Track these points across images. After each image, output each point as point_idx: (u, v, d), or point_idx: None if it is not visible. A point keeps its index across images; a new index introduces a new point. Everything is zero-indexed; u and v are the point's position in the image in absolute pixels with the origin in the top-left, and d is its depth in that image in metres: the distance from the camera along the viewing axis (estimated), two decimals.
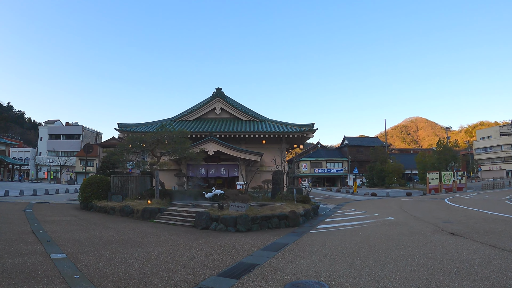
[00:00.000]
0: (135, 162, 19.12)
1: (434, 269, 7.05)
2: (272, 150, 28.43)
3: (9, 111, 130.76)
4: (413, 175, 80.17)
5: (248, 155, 24.29)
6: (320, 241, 10.62)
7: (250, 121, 29.70)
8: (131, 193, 19.12)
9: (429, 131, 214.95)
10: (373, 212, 19.20)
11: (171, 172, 25.19)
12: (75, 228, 12.64)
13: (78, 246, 9.22)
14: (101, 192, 19.17)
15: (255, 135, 27.30)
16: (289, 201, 17.69)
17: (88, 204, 18.96)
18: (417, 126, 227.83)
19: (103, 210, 17.55)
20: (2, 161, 65.01)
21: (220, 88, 30.62)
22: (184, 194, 18.66)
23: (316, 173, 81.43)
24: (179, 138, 18.87)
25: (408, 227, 13.08)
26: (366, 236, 11.47)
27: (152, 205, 15.96)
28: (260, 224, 13.15)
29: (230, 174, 25.91)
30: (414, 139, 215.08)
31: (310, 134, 28.38)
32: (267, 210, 14.01)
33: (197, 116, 30.00)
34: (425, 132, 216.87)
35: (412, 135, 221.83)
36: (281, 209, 14.65)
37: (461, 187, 47.22)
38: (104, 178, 20.01)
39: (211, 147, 24.57)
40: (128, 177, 19.70)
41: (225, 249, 9.29)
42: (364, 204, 26.70)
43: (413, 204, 25.54)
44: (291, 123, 29.50)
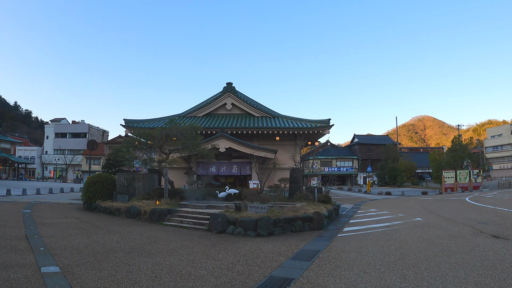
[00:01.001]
0: (142, 159, 17.65)
1: (501, 280, 5.98)
2: (286, 147, 27.01)
3: (16, 110, 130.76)
4: (423, 174, 78.53)
5: (262, 152, 22.86)
6: (354, 247, 9.35)
7: (262, 117, 28.25)
8: (138, 193, 17.72)
9: (436, 130, 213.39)
10: (396, 212, 18.21)
11: (180, 170, 23.81)
12: (75, 232, 11.24)
13: (75, 256, 7.81)
14: (105, 191, 17.78)
15: (268, 131, 25.85)
16: (310, 201, 16.27)
17: (92, 204, 17.59)
18: (425, 124, 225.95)
19: (107, 211, 16.16)
20: (7, 159, 64.08)
21: (231, 82, 29.15)
22: (195, 194, 17.22)
23: (326, 172, 79.80)
24: (190, 133, 17.43)
25: (444, 230, 12.09)
26: (403, 240, 10.35)
27: (161, 205, 14.52)
28: (283, 227, 11.72)
29: (243, 172, 24.50)
30: (421, 138, 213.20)
31: (326, 130, 26.91)
32: (289, 212, 12.56)
33: (207, 112, 28.58)
34: (432, 130, 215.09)
35: (419, 134, 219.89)
36: (303, 210, 13.21)
37: (477, 186, 46.02)
38: (109, 176, 18.63)
39: (222, 144, 23.18)
40: (135, 175, 18.29)
41: (249, 259, 7.86)
42: (383, 204, 25.68)
43: (435, 203, 24.45)
44: (305, 119, 28.01)
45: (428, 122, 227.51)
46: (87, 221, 14.08)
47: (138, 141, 18.25)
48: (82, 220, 14.37)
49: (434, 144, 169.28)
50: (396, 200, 29.44)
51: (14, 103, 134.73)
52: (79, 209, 18.42)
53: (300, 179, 17.47)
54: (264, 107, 29.64)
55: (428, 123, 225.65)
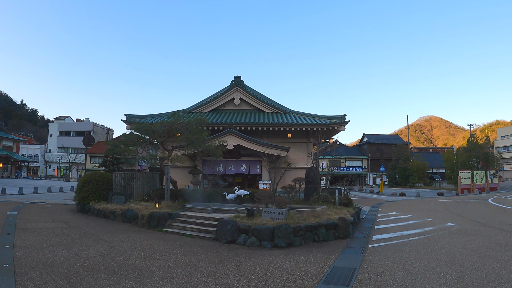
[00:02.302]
0: (142, 156, 15.87)
1: None
2: (297, 145, 25.20)
3: (23, 109, 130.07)
4: (434, 174, 76.37)
5: (273, 150, 21.04)
6: (396, 263, 7.64)
7: (273, 113, 26.41)
8: (137, 193, 15.88)
9: (443, 130, 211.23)
10: (422, 216, 16.67)
11: (184, 169, 22.02)
12: (57, 241, 9.43)
13: (44, 277, 6.03)
14: (101, 191, 15.95)
15: (280, 127, 24.06)
16: (329, 204, 14.42)
17: (86, 206, 15.79)
18: (431, 125, 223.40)
19: (101, 214, 14.33)
20: (9, 157, 62.64)
21: (239, 76, 27.32)
22: (200, 195, 15.34)
23: (335, 172, 77.68)
24: (195, 128, 15.60)
25: (487, 238, 10.78)
26: (448, 252, 8.77)
27: (160, 209, 12.62)
28: (304, 236, 9.85)
29: (252, 171, 22.71)
30: (428, 138, 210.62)
31: (341, 126, 25.03)
32: (310, 217, 10.70)
33: (214, 107, 26.79)
34: (439, 131, 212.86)
35: (426, 134, 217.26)
36: (326, 215, 11.34)
37: (494, 187, 44.12)
38: (105, 175, 16.82)
39: (230, 141, 21.40)
40: (133, 174, 16.41)
41: (269, 283, 6.02)
42: (402, 206, 24.01)
43: (458, 205, 22.90)
44: (319, 115, 26.18)
45: (435, 122, 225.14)
46: (76, 226, 12.27)
47: (139, 136, 16.46)
48: (70, 224, 12.57)
49: (441, 144, 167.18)
50: (415, 202, 27.76)
51: (20, 102, 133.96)
52: (72, 211, 16.65)
53: (318, 179, 15.58)
54: (275, 102, 27.79)
55: (435, 124, 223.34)
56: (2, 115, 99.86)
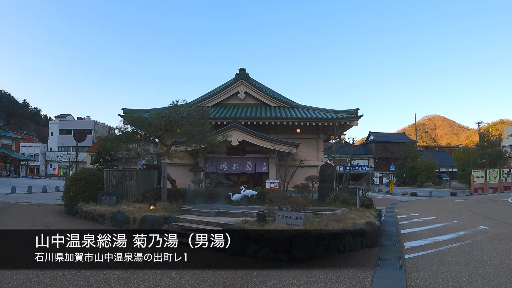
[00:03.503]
0: (135, 152, 14.19)
1: None
2: (306, 141, 23.51)
3: (25, 108, 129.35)
4: (441, 173, 74.66)
5: (282, 146, 19.31)
6: (449, 281, 6.20)
7: (280, 107, 24.68)
8: (130, 193, 14.10)
9: (447, 130, 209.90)
10: (446, 218, 15.31)
11: (185, 167, 20.34)
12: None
13: None
14: (91, 191, 14.15)
15: (288, 122, 22.36)
16: (348, 205, 12.72)
17: (73, 207, 14.06)
18: (435, 124, 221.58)
19: (90, 217, 12.56)
20: (8, 156, 61.14)
21: (244, 69, 25.59)
22: (201, 196, 13.60)
23: (341, 171, 75.88)
24: (197, 120, 13.86)
25: None
26: (501, 263, 7.48)
27: (155, 211, 10.86)
28: (327, 246, 8.11)
29: (258, 169, 21.01)
30: (431, 138, 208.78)
31: (354, 121, 23.31)
32: (332, 222, 8.96)
33: (217, 102, 25.06)
34: (443, 130, 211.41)
35: (429, 133, 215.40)
36: (350, 219, 9.60)
37: (508, 186, 42.61)
38: (96, 172, 15.06)
39: (235, 136, 19.71)
40: (126, 171, 14.63)
41: None
42: (419, 207, 22.54)
43: (478, 206, 21.61)
44: (329, 109, 24.44)
45: (438, 121, 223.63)
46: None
47: (134, 131, 14.76)
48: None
49: (445, 143, 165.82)
50: (430, 202, 26.14)
51: (23, 101, 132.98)
52: (59, 213, 14.93)
53: (334, 178, 13.84)
54: (282, 96, 26.01)
55: (439, 123, 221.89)
56: (5, 114, 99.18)
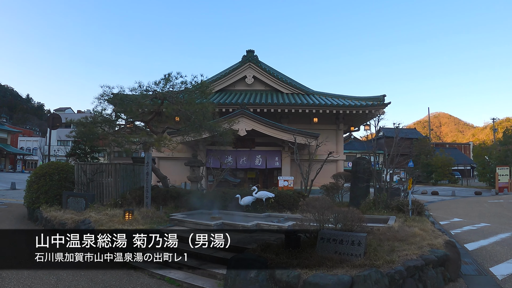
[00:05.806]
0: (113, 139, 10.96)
1: None
2: (324, 132, 20.03)
3: (28, 103, 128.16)
4: (454, 171, 71.54)
5: (299, 137, 16.03)
6: None
7: (293, 93, 21.36)
8: (107, 194, 10.83)
9: (452, 127, 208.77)
10: (504, 225, 12.96)
11: (180, 161, 17.10)
12: None
13: None
14: (56, 190, 10.90)
15: (304, 109, 19.08)
16: (393, 211, 9.54)
17: (35, 211, 10.83)
18: (440, 121, 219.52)
19: (50, 226, 9.35)
20: (2, 150, 58.18)
21: (253, 50, 22.21)
22: (200, 198, 10.14)
23: (350, 167, 72.52)
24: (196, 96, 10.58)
25: None
26: None
27: (131, 223, 7.52)
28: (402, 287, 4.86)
29: (269, 164, 17.76)
30: (437, 135, 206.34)
31: (380, 110, 19.95)
32: (400, 245, 5.70)
33: (221, 88, 21.71)
34: (448, 128, 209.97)
35: (435, 131, 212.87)
36: (419, 238, 6.38)
37: None
38: (65, 167, 11.78)
39: (243, 125, 16.48)
40: (102, 166, 11.28)
41: None
42: (451, 208, 20.22)
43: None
44: (350, 96, 21.13)
45: (443, 119, 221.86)
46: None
47: (117, 111, 11.52)
48: None
49: (450, 141, 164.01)
50: (461, 203, 23.42)
51: (26, 96, 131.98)
52: (21, 219, 11.77)
53: (372, 176, 10.61)
54: (295, 81, 22.59)
55: (444, 120, 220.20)
56: (8, 109, 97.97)
